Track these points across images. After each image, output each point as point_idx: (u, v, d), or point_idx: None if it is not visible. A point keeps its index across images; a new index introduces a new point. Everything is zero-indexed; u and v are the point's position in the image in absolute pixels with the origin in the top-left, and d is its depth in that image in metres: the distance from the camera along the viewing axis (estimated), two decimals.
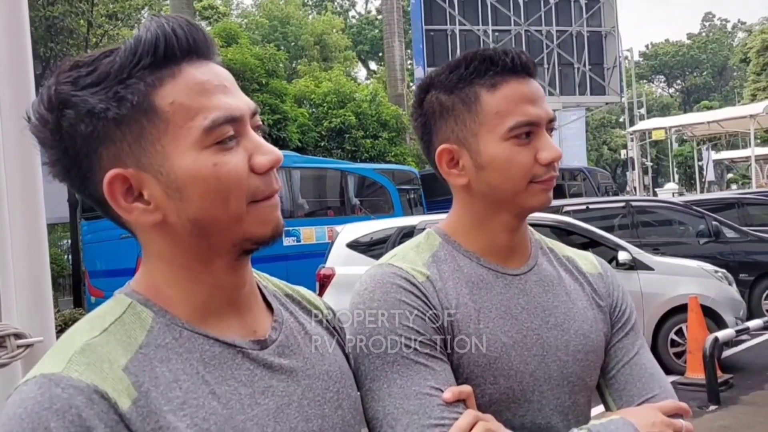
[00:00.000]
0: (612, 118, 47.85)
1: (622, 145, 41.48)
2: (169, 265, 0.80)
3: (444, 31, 22.19)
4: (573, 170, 19.20)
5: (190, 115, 0.75)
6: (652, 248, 7.80)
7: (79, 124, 0.74)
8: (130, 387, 0.71)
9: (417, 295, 1.04)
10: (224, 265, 0.81)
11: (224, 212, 0.77)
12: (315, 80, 20.53)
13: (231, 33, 18.64)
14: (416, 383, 0.98)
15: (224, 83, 0.78)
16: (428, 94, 1.12)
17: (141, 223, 0.78)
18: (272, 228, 0.80)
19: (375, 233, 7.22)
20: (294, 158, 12.64)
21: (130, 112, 0.74)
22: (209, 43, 0.79)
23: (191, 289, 0.80)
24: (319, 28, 29.52)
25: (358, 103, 19.33)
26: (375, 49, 37.56)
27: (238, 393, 0.78)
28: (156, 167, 0.76)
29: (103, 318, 0.77)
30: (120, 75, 0.74)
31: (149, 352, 0.75)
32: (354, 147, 18.61)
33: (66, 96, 0.74)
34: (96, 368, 0.70)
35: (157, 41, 0.74)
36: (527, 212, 1.11)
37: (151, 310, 0.79)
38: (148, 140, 0.75)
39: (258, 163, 0.77)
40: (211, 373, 0.77)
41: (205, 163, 0.75)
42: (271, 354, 0.83)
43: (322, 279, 6.73)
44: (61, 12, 12.55)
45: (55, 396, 0.67)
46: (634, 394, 1.10)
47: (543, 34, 23.24)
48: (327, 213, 12.16)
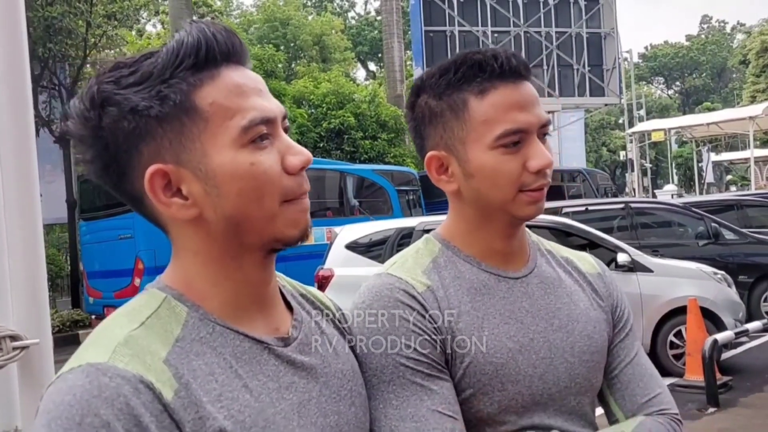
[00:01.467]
0: (611, 120, 47.89)
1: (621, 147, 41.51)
2: (201, 260, 0.83)
3: (443, 32, 22.19)
4: (572, 171, 19.18)
5: (229, 114, 0.78)
6: (651, 250, 7.78)
7: (122, 120, 0.77)
8: (171, 378, 0.74)
9: (415, 308, 1.02)
10: (253, 262, 0.84)
11: (258, 210, 0.80)
12: (314, 81, 20.52)
13: None
14: (412, 405, 0.97)
15: (259, 87, 0.82)
16: (419, 98, 1.11)
17: (178, 218, 0.81)
18: (301, 229, 0.83)
19: (374, 234, 7.21)
20: None
21: (172, 110, 0.77)
22: (245, 50, 0.83)
23: (222, 284, 0.83)
24: (318, 28, 29.52)
25: (357, 104, 19.32)
26: (374, 50, 37.57)
27: (267, 387, 0.81)
28: (195, 164, 0.79)
29: (139, 311, 0.80)
30: (163, 75, 0.78)
31: (185, 345, 0.78)
32: (353, 148, 18.60)
33: (109, 94, 0.77)
34: (140, 359, 0.73)
35: (199, 44, 0.78)
36: (518, 221, 1.10)
37: (185, 305, 0.81)
38: (188, 137, 0.78)
39: (290, 163, 0.81)
40: (243, 368, 0.80)
41: (243, 161, 0.78)
42: (294, 351, 0.86)
43: (320, 280, 6.72)
44: (59, 12, 12.52)
45: (103, 384, 0.69)
46: (637, 393, 1.11)
47: (542, 36, 23.24)
48: (326, 214, 12.15)
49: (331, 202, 12.66)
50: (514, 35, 22.77)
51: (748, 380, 6.12)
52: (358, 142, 18.59)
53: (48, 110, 13.37)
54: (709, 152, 32.86)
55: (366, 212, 12.24)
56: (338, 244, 7.04)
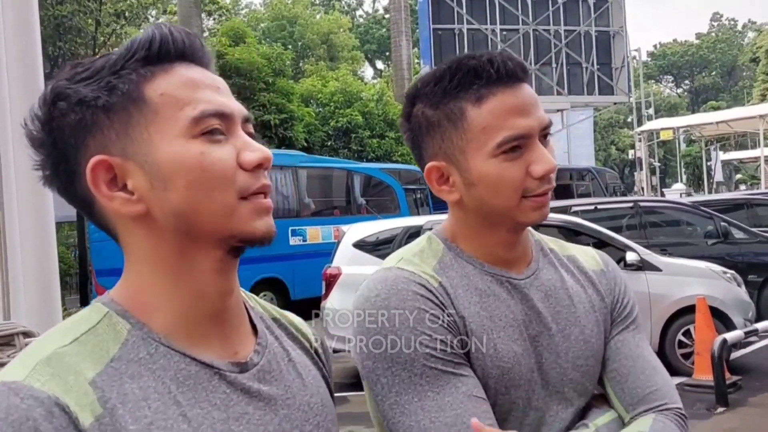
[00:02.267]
0: (620, 118, 47.72)
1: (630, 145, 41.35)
2: (150, 266, 0.77)
3: (452, 30, 22.14)
4: (581, 170, 19.15)
5: (179, 106, 0.75)
6: (660, 249, 7.75)
7: (69, 114, 0.74)
8: (95, 402, 0.67)
9: (435, 302, 1.01)
10: (209, 267, 0.77)
11: (210, 205, 0.74)
12: (322, 80, 20.55)
13: (238, 32, 18.66)
14: (449, 394, 0.97)
15: (217, 84, 0.79)
16: (414, 107, 1.08)
17: (123, 213, 0.75)
18: (264, 228, 0.77)
19: (381, 233, 7.22)
20: (300, 158, 12.65)
21: (120, 100, 0.74)
22: (205, 53, 0.80)
23: (173, 294, 0.77)
24: (325, 27, 29.53)
25: (365, 102, 19.34)
26: (382, 48, 37.54)
27: (211, 417, 0.73)
28: (142, 156, 0.74)
29: (77, 326, 0.74)
30: (114, 67, 0.75)
31: (120, 366, 0.71)
32: (360, 146, 18.61)
33: (60, 89, 0.75)
34: (60, 379, 0.67)
35: (152, 38, 0.76)
36: (522, 228, 1.08)
37: (128, 322, 0.75)
38: (135, 129, 0.74)
39: (246, 158, 0.76)
40: (183, 394, 0.73)
41: (192, 150, 0.74)
42: (251, 378, 0.79)
43: (328, 278, 6.74)
44: (69, 11, 12.60)
45: (12, 406, 0.64)
46: (638, 386, 1.08)
47: (551, 34, 23.16)
48: (333, 212, 12.17)
49: (338, 201, 12.68)
50: (523, 33, 22.70)
51: (758, 380, 6.09)
52: (365, 140, 18.60)
53: None
54: (718, 151, 32.67)
55: (373, 211, 12.25)
56: (346, 243, 7.05)
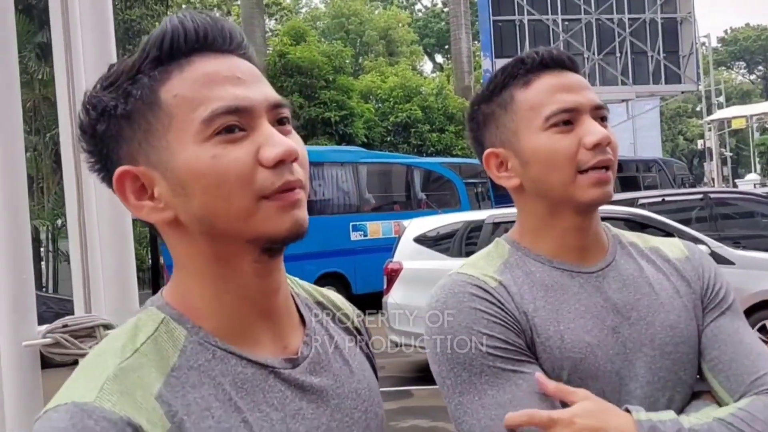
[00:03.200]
0: (688, 107, 46.10)
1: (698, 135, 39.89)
2: (192, 270, 0.76)
3: (512, 21, 21.83)
4: (647, 161, 18.61)
5: (192, 106, 0.71)
6: (732, 242, 7.48)
7: (98, 123, 0.73)
8: (163, 417, 0.67)
9: (491, 301, 1.02)
10: (247, 268, 0.75)
11: (227, 208, 0.71)
12: (381, 75, 20.63)
13: (299, 31, 18.93)
14: (509, 391, 0.96)
15: (236, 74, 0.73)
16: (474, 110, 1.14)
17: (153, 220, 0.75)
18: (289, 226, 0.73)
19: (442, 228, 7.22)
20: (360, 154, 12.74)
21: (136, 107, 0.72)
22: (227, 36, 0.75)
23: (219, 297, 0.76)
24: (384, 22, 29.60)
25: (425, 96, 19.32)
26: (441, 42, 37.35)
27: (270, 419, 0.74)
28: (163, 164, 0.72)
29: (135, 336, 0.73)
30: (130, 72, 0.73)
31: (181, 375, 0.71)
32: (420, 141, 18.60)
33: (89, 97, 0.74)
34: (129, 397, 0.67)
35: (163, 35, 0.72)
36: (585, 208, 1.06)
37: (184, 327, 0.75)
38: (155, 136, 0.72)
39: (265, 155, 0.71)
40: (243, 399, 0.73)
41: (204, 155, 0.70)
42: (303, 372, 0.79)
43: (390, 273, 6.78)
44: (138, 15, 13.04)
45: (87, 428, 0.63)
46: (743, 372, 1.02)
47: (615, 23, 22.56)
48: (393, 208, 12.21)
49: (398, 196, 12.71)
50: (586, 23, 22.19)
51: None
52: (425, 135, 18.58)
53: None
54: None
55: (434, 205, 12.23)
56: (407, 238, 7.07)
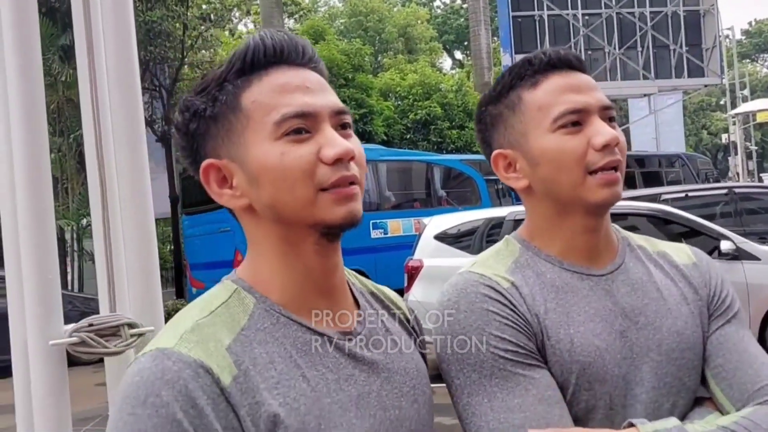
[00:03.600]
0: (712, 101, 45.43)
1: (723, 129, 39.29)
2: (264, 249, 0.89)
3: (532, 16, 21.65)
4: (670, 156, 18.42)
5: (267, 111, 0.84)
6: (758, 237, 7.36)
7: (191, 122, 0.88)
8: (231, 365, 0.79)
9: (503, 303, 1.02)
10: (309, 249, 0.87)
11: (292, 198, 0.84)
12: (400, 73, 20.60)
13: (318, 30, 18.97)
14: (518, 395, 0.97)
15: (306, 84, 0.86)
16: (481, 109, 1.14)
17: (232, 206, 0.89)
18: (343, 214, 0.84)
19: (462, 225, 7.19)
20: (380, 151, 12.74)
21: (222, 110, 0.86)
22: (301, 51, 0.88)
23: (284, 274, 0.88)
24: (403, 20, 29.54)
25: (444, 93, 19.26)
26: (461, 39, 37.20)
27: (325, 378, 0.84)
28: (241, 157, 0.86)
29: (211, 302, 0.86)
30: (218, 80, 0.87)
31: (250, 334, 0.83)
32: (440, 138, 18.55)
33: (185, 100, 0.90)
34: (203, 346, 0.79)
35: (246, 50, 0.86)
36: (594, 209, 1.05)
37: (253, 296, 0.87)
38: (235, 134, 0.86)
39: (325, 154, 0.84)
40: (302, 358, 0.84)
41: (274, 152, 0.83)
42: (356, 346, 0.89)
43: (410, 271, 6.78)
44: (158, 16, 13.14)
45: (166, 368, 0.76)
46: (746, 381, 1.03)
47: (636, 16, 22.29)
48: (414, 205, 12.20)
49: (418, 193, 12.69)
50: (606, 17, 21.95)
51: None
52: (445, 132, 18.53)
53: (150, 111, 14.09)
54: None
55: (454, 202, 12.20)
56: (427, 235, 7.06)
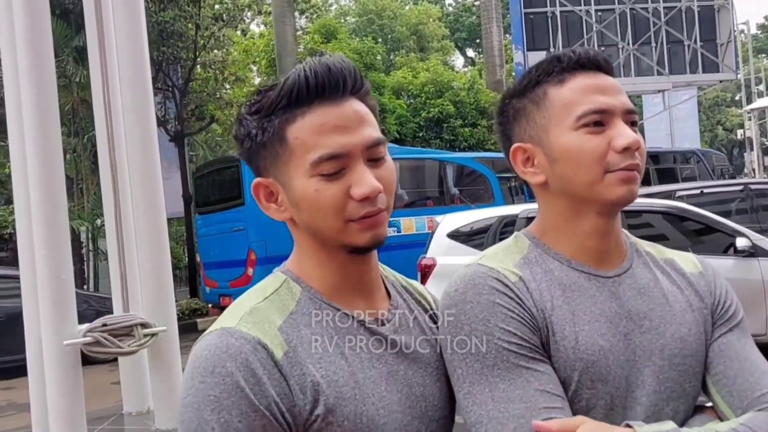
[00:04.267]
0: (727, 96, 45.01)
1: (738, 125, 38.94)
2: (306, 251, 1.03)
3: (544, 13, 21.54)
4: (685, 153, 18.24)
5: (307, 149, 0.95)
6: None
7: (245, 140, 1.01)
8: (282, 342, 0.93)
9: (510, 296, 1.03)
10: (343, 258, 1.01)
11: (325, 225, 0.97)
12: (412, 71, 20.55)
13: (330, 29, 18.99)
14: (519, 386, 0.98)
15: (344, 123, 0.96)
16: (505, 103, 1.15)
17: (277, 219, 1.02)
18: (368, 240, 0.98)
19: (476, 223, 7.17)
20: (393, 150, 12.70)
21: (269, 140, 0.97)
22: (341, 86, 0.97)
23: (325, 270, 1.02)
24: (414, 18, 29.49)
25: (456, 91, 19.21)
26: (473, 36, 37.09)
27: (360, 357, 0.98)
28: (285, 182, 0.98)
29: (265, 289, 1.01)
30: (268, 111, 0.97)
31: (297, 317, 0.97)
32: (452, 136, 18.51)
33: (241, 116, 1.01)
34: (259, 326, 0.93)
35: (293, 86, 0.95)
36: (609, 208, 1.06)
37: (300, 286, 1.01)
38: (280, 162, 0.98)
39: (354, 193, 0.95)
40: (341, 339, 0.98)
41: (310, 188, 0.96)
42: (388, 330, 1.03)
43: (423, 269, 6.76)
44: (171, 17, 13.19)
45: (230, 344, 0.90)
46: (746, 389, 1.04)
47: (649, 12, 22.11)
48: (427, 203, 12.17)
49: (431, 192, 12.66)
50: (620, 13, 21.80)
51: None
52: (457, 130, 18.48)
53: (163, 111, 14.15)
54: None
55: (467, 200, 12.16)
56: (440, 233, 7.05)
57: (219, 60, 16.51)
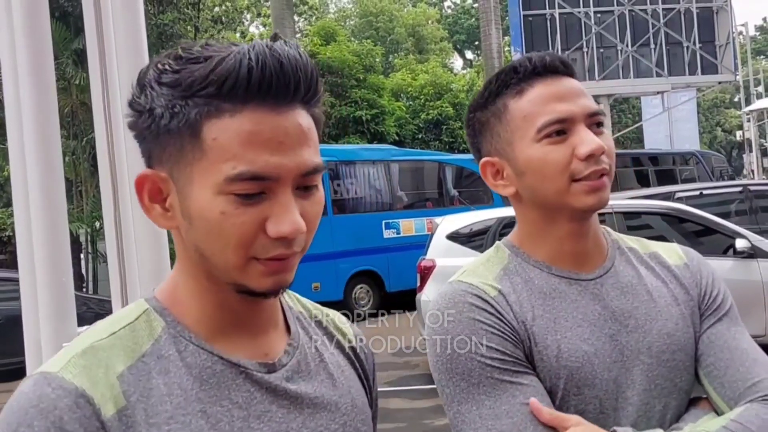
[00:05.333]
0: (725, 98, 45.08)
1: (737, 126, 38.98)
2: (185, 273, 0.82)
3: (543, 15, 21.57)
4: (684, 154, 18.29)
5: (224, 157, 0.73)
6: None
7: (143, 114, 0.76)
8: (119, 395, 0.72)
9: (490, 312, 1.03)
10: (232, 297, 0.80)
11: (221, 257, 0.76)
12: (411, 73, 20.60)
13: (329, 31, 19.01)
14: (505, 402, 0.98)
15: (281, 138, 0.74)
16: (470, 118, 1.15)
17: (160, 225, 0.80)
18: (269, 286, 0.78)
19: (475, 224, 7.17)
20: (392, 152, 12.75)
21: (177, 128, 0.74)
22: (292, 89, 0.75)
23: (202, 301, 0.81)
24: (412, 20, 29.54)
25: (455, 93, 19.26)
26: (471, 38, 37.12)
27: (231, 415, 0.77)
28: (181, 185, 0.76)
29: (119, 321, 0.79)
30: (187, 91, 0.74)
31: (150, 362, 0.76)
32: (451, 138, 18.54)
33: (148, 82, 0.76)
34: (90, 372, 0.73)
35: (230, 73, 0.72)
36: (580, 215, 1.06)
37: (164, 320, 0.80)
38: (184, 159, 0.75)
39: (271, 230, 0.74)
40: (206, 391, 0.77)
41: (215, 207, 0.74)
42: (278, 378, 0.82)
43: (423, 271, 6.77)
44: (170, 19, 13.21)
45: (44, 395, 0.70)
46: (737, 379, 1.03)
47: (648, 13, 22.14)
48: (426, 205, 12.19)
49: (430, 193, 12.68)
50: (618, 15, 21.83)
51: None
52: (456, 131, 18.51)
53: None
54: None
55: (466, 202, 12.18)
56: (439, 235, 7.06)
57: None
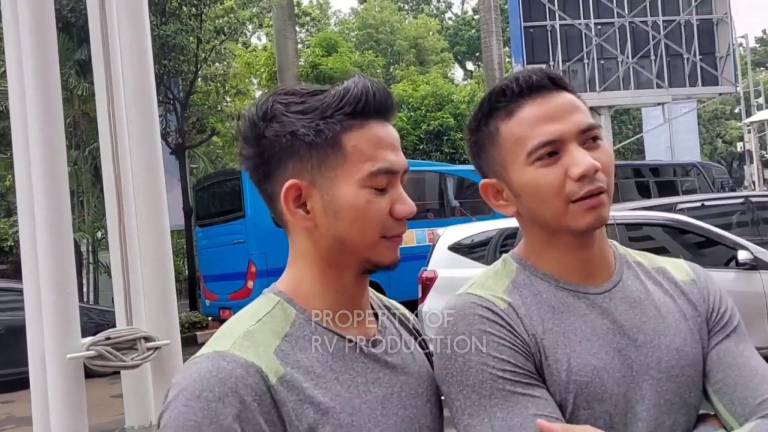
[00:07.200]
0: (726, 109, 45.10)
1: (738, 137, 38.97)
2: (309, 264, 1.01)
3: (543, 26, 21.61)
4: (686, 165, 18.30)
5: (364, 159, 0.96)
6: None
7: (281, 137, 0.97)
8: (279, 366, 0.91)
9: (501, 324, 1.03)
10: (350, 277, 1.02)
11: (360, 238, 0.98)
12: (412, 84, 20.64)
13: (331, 42, 19.08)
14: (517, 414, 0.98)
15: (395, 143, 1.00)
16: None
17: (297, 226, 1.00)
18: (391, 260, 1.01)
19: (477, 235, 7.17)
20: None
21: (322, 142, 0.96)
22: (392, 109, 1.01)
23: (325, 289, 1.01)
24: (414, 31, 29.63)
25: (456, 104, 19.28)
26: (472, 50, 37.22)
27: (356, 381, 0.97)
28: (325, 188, 0.97)
29: (258, 311, 0.98)
30: (324, 113, 0.96)
31: (292, 340, 0.95)
32: (453, 149, 18.54)
33: (278, 113, 0.98)
34: (254, 349, 0.91)
35: (360, 97, 0.96)
36: (581, 234, 1.06)
37: (294, 308, 0.99)
38: (327, 167, 0.97)
39: (397, 211, 0.99)
40: (336, 363, 0.96)
41: (362, 198, 0.96)
42: (381, 352, 1.02)
43: (424, 282, 6.74)
44: (172, 30, 13.23)
45: (221, 367, 0.87)
46: (747, 396, 1.03)
47: (649, 25, 22.20)
48: (427, 216, 12.17)
49: (431, 204, 12.67)
50: (619, 26, 21.89)
51: None
52: (457, 142, 18.51)
53: (164, 123, 14.16)
54: None
55: (467, 213, 12.16)
56: (441, 246, 7.04)
57: (220, 73, 16.55)
